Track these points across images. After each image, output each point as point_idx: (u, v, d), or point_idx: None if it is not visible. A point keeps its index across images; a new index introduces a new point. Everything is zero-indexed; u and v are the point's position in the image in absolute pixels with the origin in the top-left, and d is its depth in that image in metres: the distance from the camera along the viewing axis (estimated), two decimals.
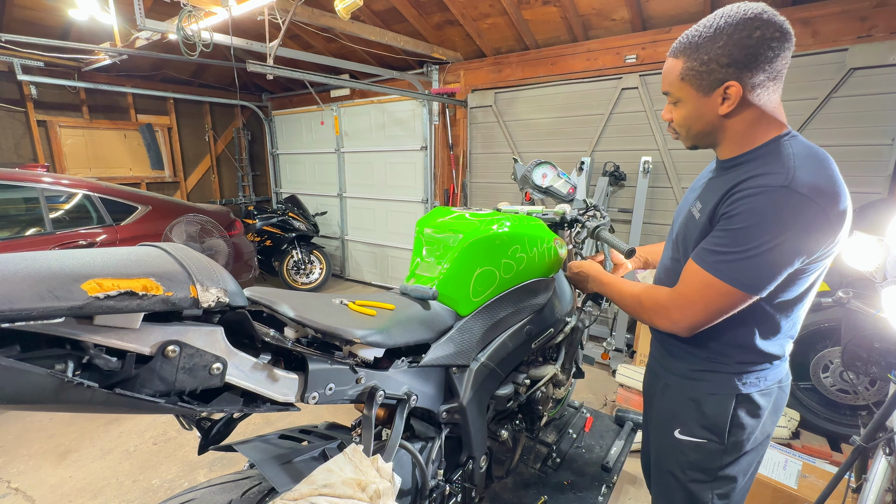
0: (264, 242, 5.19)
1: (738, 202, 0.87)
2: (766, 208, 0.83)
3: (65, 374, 0.54)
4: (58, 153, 4.89)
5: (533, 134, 4.06)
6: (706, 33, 0.88)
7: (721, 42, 0.85)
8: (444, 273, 1.26)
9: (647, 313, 1.06)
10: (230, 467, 2.26)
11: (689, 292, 0.96)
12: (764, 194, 0.84)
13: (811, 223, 0.82)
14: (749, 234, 0.85)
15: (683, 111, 0.97)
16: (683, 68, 0.92)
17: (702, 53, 0.88)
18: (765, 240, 0.84)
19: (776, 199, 0.83)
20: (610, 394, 3.03)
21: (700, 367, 1.07)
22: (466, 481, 1.31)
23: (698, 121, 0.96)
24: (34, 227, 2.91)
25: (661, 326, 1.04)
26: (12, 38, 3.75)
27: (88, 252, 0.59)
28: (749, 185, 0.87)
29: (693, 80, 0.92)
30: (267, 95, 6.52)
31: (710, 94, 0.91)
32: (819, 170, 0.85)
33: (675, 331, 1.01)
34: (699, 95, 0.92)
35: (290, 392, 0.82)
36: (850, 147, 2.73)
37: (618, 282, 1.21)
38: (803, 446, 2.26)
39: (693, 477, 1.10)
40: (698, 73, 0.90)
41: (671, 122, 1.03)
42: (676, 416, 1.11)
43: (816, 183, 0.83)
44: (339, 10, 2.49)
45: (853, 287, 1.54)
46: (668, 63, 0.97)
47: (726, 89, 0.88)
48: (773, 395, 1.04)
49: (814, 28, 2.74)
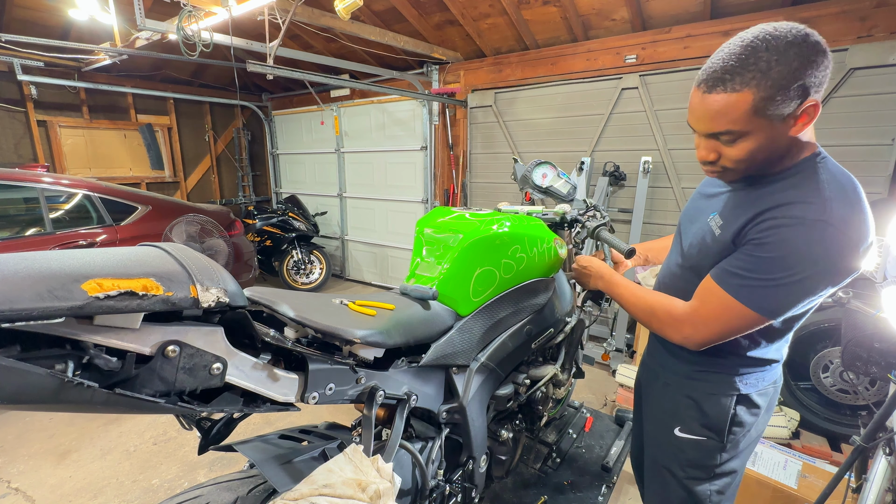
0: (264, 242, 5.19)
1: (771, 231, 0.86)
2: (800, 241, 0.83)
3: (65, 374, 0.54)
4: (58, 153, 4.89)
5: (533, 134, 4.06)
6: (771, 57, 0.80)
7: (797, 63, 0.80)
8: (444, 273, 1.26)
9: (660, 324, 1.06)
10: (230, 467, 2.26)
11: (706, 312, 0.96)
12: (799, 227, 0.83)
13: (842, 258, 0.83)
14: (779, 264, 0.85)
15: (751, 145, 0.87)
16: (756, 99, 0.82)
17: (778, 79, 0.80)
18: (794, 271, 0.84)
19: (811, 234, 0.82)
20: (610, 394, 3.03)
21: (701, 368, 1.09)
22: (466, 481, 1.31)
23: (768, 150, 0.88)
24: (34, 227, 2.91)
25: (672, 339, 1.04)
26: (12, 38, 3.75)
27: (88, 252, 0.59)
28: (783, 213, 0.86)
29: (772, 110, 0.82)
30: (267, 95, 6.52)
31: (786, 119, 0.84)
32: (853, 202, 0.85)
33: (685, 345, 1.02)
34: (774, 124, 0.84)
35: (290, 392, 0.82)
36: (850, 147, 2.72)
37: (630, 285, 1.18)
38: (803, 446, 2.26)
39: (692, 474, 1.12)
40: (778, 102, 0.81)
41: (716, 160, 0.93)
42: (676, 414, 1.13)
43: (851, 218, 0.83)
44: (339, 10, 2.49)
45: (853, 287, 1.54)
46: (724, 99, 0.84)
47: (805, 109, 0.82)
48: (770, 395, 1.09)
49: (814, 28, 2.72)
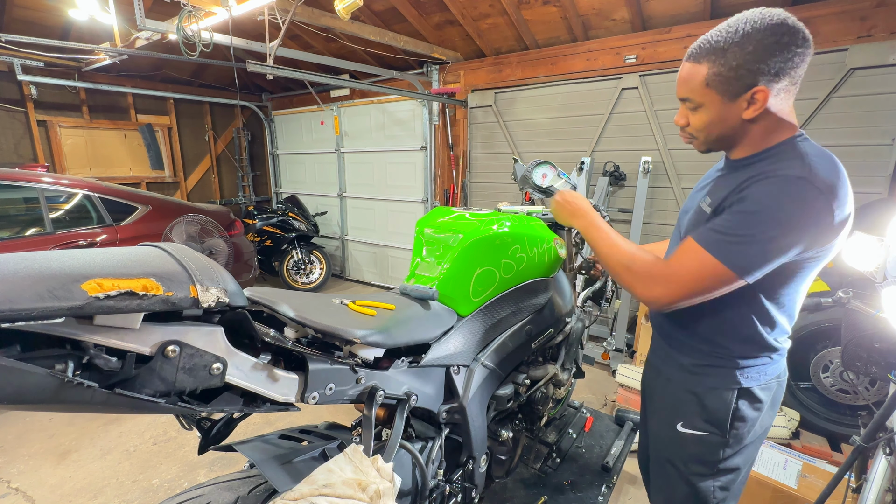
0: (264, 242, 5.19)
1: (752, 188, 0.88)
2: (780, 194, 0.85)
3: (65, 374, 0.54)
4: (58, 153, 4.89)
5: (533, 134, 4.06)
6: (732, 38, 0.86)
7: (751, 47, 0.85)
8: (444, 273, 1.26)
9: (633, 278, 1.02)
10: (230, 467, 2.26)
11: (680, 268, 0.95)
12: (781, 181, 0.85)
13: (819, 218, 0.84)
14: (755, 219, 0.86)
15: (705, 116, 0.96)
16: (709, 73, 0.90)
17: (730, 59, 0.87)
18: (769, 227, 0.85)
19: (790, 188, 0.84)
20: (610, 394, 3.03)
21: (702, 362, 1.08)
22: (466, 481, 1.31)
23: (720, 125, 0.95)
24: (34, 227, 2.91)
25: (640, 296, 1.01)
26: (12, 38, 3.75)
27: (88, 252, 0.59)
28: (766, 173, 0.88)
29: (720, 86, 0.90)
30: (267, 95, 6.52)
31: (736, 99, 0.90)
32: (834, 170, 0.86)
33: (653, 303, 0.99)
34: (724, 101, 0.91)
35: (290, 392, 0.82)
36: (850, 147, 2.72)
37: (611, 231, 1.12)
38: (803, 446, 2.26)
39: (695, 470, 1.12)
40: (726, 79, 0.89)
41: (685, 126, 1.02)
42: (679, 409, 1.13)
43: (832, 182, 0.84)
44: (339, 10, 2.49)
45: (853, 287, 1.54)
46: (687, 68, 0.95)
47: (754, 94, 0.88)
48: (773, 390, 1.07)
49: (814, 28, 2.72)
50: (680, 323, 1.12)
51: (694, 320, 1.07)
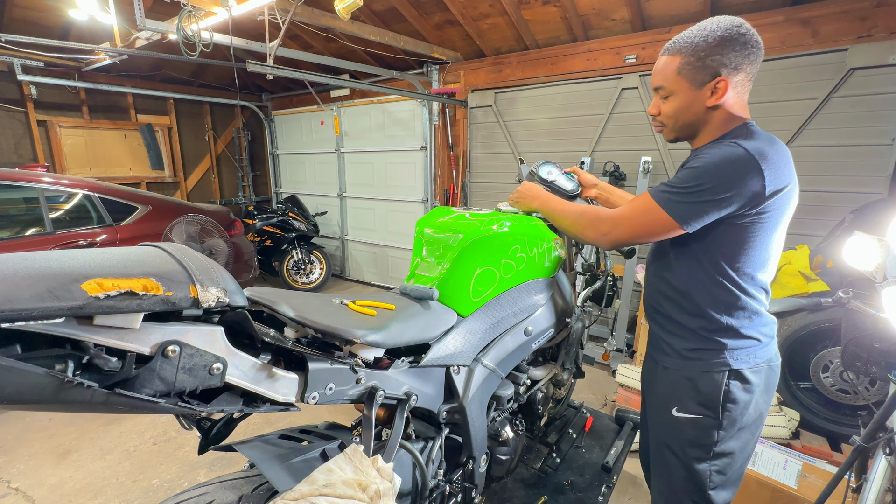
0: (264, 242, 5.19)
1: (699, 155, 1.05)
2: (718, 154, 1.00)
3: (65, 374, 0.54)
4: (58, 153, 4.89)
5: (533, 134, 4.06)
6: (701, 34, 1.03)
7: (716, 43, 1.01)
8: (445, 273, 1.26)
9: (585, 222, 1.22)
10: (230, 467, 2.26)
11: (628, 213, 1.13)
12: (719, 147, 1.01)
13: (748, 176, 0.96)
14: (694, 174, 1.01)
15: (674, 103, 1.10)
16: (681, 63, 1.06)
17: (699, 51, 1.03)
18: (704, 181, 0.99)
19: (728, 149, 0.99)
20: (610, 394, 3.03)
21: (695, 345, 1.13)
22: (466, 481, 1.31)
23: (686, 112, 1.10)
24: (34, 227, 2.91)
25: (590, 237, 1.21)
26: (12, 38, 3.75)
27: (88, 252, 0.59)
28: (714, 144, 1.05)
29: (689, 74, 1.05)
30: (267, 95, 6.52)
31: (702, 87, 1.05)
32: (771, 145, 1.00)
33: (600, 242, 1.19)
34: (692, 88, 1.06)
35: (290, 392, 0.82)
36: (850, 147, 2.72)
37: (563, 201, 1.36)
38: (803, 446, 2.26)
39: (692, 454, 1.15)
40: (695, 68, 1.04)
41: (657, 115, 1.16)
42: (674, 395, 1.17)
43: (764, 150, 0.98)
44: (339, 10, 2.49)
45: (853, 287, 1.54)
46: (662, 60, 1.10)
47: (717, 83, 1.03)
48: (764, 373, 1.12)
49: (814, 28, 2.74)
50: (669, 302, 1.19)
51: (679, 295, 1.15)
